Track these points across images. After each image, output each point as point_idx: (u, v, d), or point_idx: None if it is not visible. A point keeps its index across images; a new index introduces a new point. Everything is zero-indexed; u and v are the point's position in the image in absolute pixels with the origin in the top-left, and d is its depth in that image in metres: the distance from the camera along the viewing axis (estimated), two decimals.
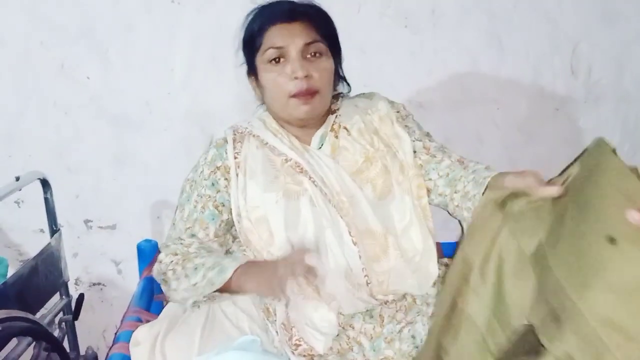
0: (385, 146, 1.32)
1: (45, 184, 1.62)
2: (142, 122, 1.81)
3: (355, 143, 1.31)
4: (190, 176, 1.35)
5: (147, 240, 1.69)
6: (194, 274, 1.19)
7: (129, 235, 1.88)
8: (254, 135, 1.32)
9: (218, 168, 1.30)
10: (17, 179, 1.50)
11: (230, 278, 1.15)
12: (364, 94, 1.42)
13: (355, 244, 1.22)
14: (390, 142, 1.33)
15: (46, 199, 1.64)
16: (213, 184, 1.29)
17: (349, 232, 1.22)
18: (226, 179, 1.30)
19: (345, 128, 1.33)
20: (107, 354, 1.25)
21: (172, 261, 1.24)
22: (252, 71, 1.33)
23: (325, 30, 1.28)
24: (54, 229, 1.67)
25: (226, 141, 1.33)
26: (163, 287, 1.28)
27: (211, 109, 1.82)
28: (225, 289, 1.17)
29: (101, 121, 1.80)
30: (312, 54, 1.25)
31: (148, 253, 1.65)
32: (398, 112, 1.38)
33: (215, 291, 1.17)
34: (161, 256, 1.28)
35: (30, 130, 1.79)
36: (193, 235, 1.28)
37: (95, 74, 1.77)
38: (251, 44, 1.29)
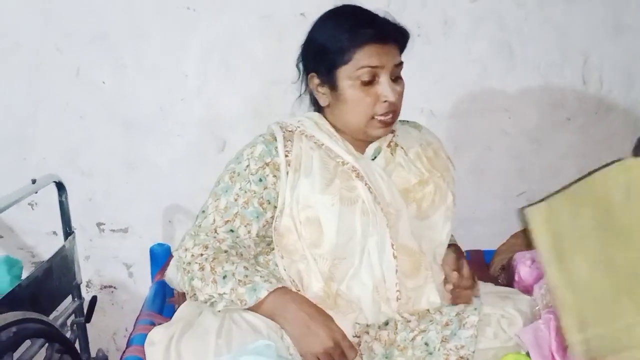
0: (440, 173, 1.35)
1: (60, 187, 1.64)
2: (155, 127, 1.83)
3: (411, 164, 1.33)
4: (230, 167, 1.31)
5: (159, 244, 1.70)
6: (222, 283, 1.17)
7: (140, 239, 1.89)
8: (306, 136, 1.31)
9: (267, 164, 1.27)
10: (34, 181, 1.52)
11: (263, 300, 1.15)
12: (408, 122, 1.45)
13: (395, 257, 1.23)
14: (443, 173, 1.36)
15: (61, 202, 1.65)
16: (261, 180, 1.26)
17: (392, 245, 1.23)
18: (275, 175, 1.27)
19: (402, 148, 1.35)
20: (121, 357, 1.26)
21: (201, 254, 1.21)
22: (328, 78, 1.28)
23: (403, 51, 1.31)
24: (67, 231, 1.68)
25: (275, 138, 1.30)
26: (183, 277, 1.23)
27: (224, 114, 1.84)
28: (252, 308, 1.17)
29: (114, 126, 1.82)
30: (395, 77, 1.27)
31: (160, 257, 1.67)
32: (447, 156, 1.44)
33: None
34: (188, 244, 1.24)
35: (45, 134, 1.81)
36: (231, 231, 1.25)
37: (109, 79, 1.78)
38: (335, 54, 1.25)
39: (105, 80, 1.78)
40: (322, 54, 1.28)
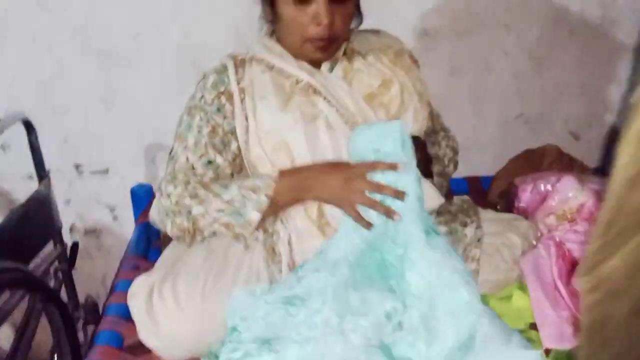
0: (404, 71, 1.27)
1: (28, 125, 1.52)
2: (130, 57, 1.70)
3: (370, 67, 1.26)
4: (187, 104, 1.25)
5: (140, 185, 1.61)
6: (225, 192, 1.12)
7: (122, 179, 1.79)
8: (256, 60, 1.24)
9: (222, 93, 1.21)
10: None
11: (276, 189, 1.12)
12: (367, 30, 1.35)
13: None
14: (408, 72, 1.28)
15: (31, 143, 1.53)
16: (219, 109, 1.20)
17: None
18: (231, 104, 1.21)
19: (359, 53, 1.27)
20: (104, 305, 1.20)
21: (186, 188, 1.14)
22: None
23: None
24: (42, 174, 1.58)
25: (226, 67, 1.24)
26: (174, 221, 1.14)
27: (203, 41, 1.70)
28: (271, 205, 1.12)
29: (86, 57, 1.69)
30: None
31: (143, 197, 1.59)
32: (410, 55, 1.35)
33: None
34: (169, 189, 1.15)
35: (10, 69, 1.67)
36: (209, 162, 1.18)
37: (77, 6, 1.64)
38: None
39: (72, 7, 1.63)
40: None
